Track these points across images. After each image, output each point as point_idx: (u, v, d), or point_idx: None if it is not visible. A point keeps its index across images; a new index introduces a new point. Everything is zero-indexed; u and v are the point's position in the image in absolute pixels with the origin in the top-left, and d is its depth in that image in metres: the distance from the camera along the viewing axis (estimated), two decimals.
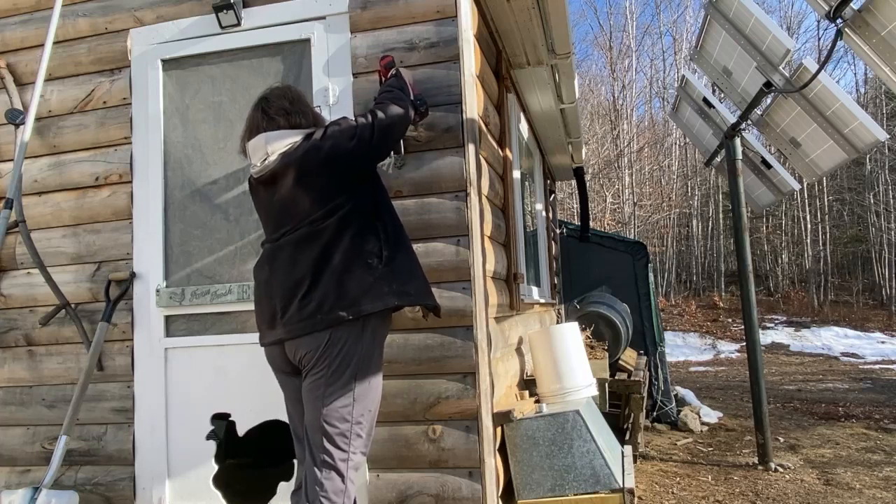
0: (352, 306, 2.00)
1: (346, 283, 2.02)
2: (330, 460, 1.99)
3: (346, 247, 2.04)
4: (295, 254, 2.07)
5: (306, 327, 2.02)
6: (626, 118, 23.16)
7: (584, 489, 2.71)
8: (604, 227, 18.72)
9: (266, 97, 2.22)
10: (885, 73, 3.21)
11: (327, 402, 2.00)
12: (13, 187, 2.89)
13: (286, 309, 2.05)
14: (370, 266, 2.05)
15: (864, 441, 5.47)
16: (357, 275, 2.03)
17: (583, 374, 3.30)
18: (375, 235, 2.09)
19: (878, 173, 20.88)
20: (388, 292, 2.05)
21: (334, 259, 2.03)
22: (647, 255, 7.23)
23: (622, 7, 29.34)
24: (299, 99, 2.23)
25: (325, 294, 2.01)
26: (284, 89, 2.25)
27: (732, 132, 4.97)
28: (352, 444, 2.02)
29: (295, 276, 2.05)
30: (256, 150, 2.15)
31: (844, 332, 16.09)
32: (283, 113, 2.15)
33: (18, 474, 3.04)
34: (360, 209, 2.10)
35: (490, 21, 3.35)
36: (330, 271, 2.02)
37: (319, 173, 2.08)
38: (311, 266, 2.03)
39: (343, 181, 2.10)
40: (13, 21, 3.24)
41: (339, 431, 2.00)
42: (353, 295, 2.01)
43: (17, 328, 3.11)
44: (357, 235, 2.06)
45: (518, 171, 4.15)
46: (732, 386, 9.43)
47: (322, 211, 2.06)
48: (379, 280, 2.05)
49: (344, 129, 2.13)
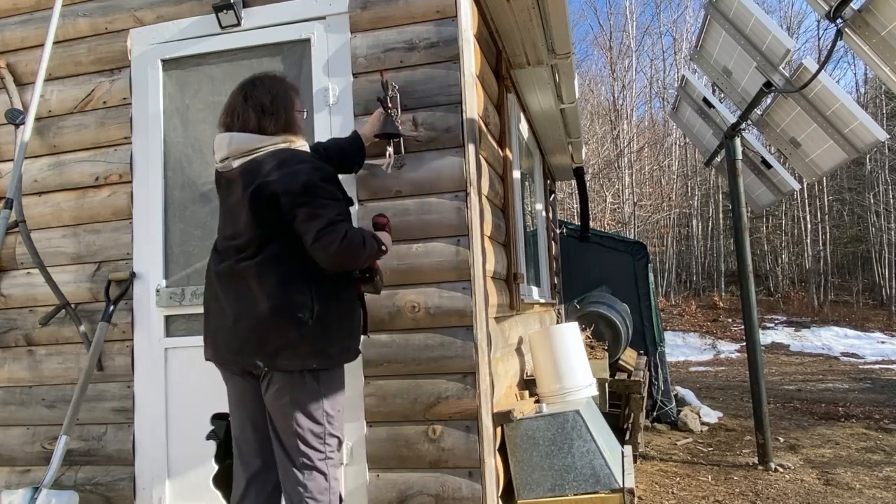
0: (269, 358, 1.97)
1: (268, 333, 1.96)
2: (309, 462, 1.98)
3: (274, 293, 1.96)
4: (233, 286, 2.03)
5: (230, 362, 2.06)
6: (626, 118, 23.16)
7: (584, 489, 2.71)
8: (604, 227, 18.72)
9: (254, 83, 2.15)
10: (885, 73, 3.21)
11: (297, 407, 1.99)
12: (13, 187, 2.89)
13: (216, 337, 2.07)
14: (298, 320, 1.96)
15: (864, 441, 5.47)
16: (281, 327, 1.96)
17: (583, 374, 3.30)
18: (307, 286, 1.98)
19: (878, 173, 20.88)
20: (308, 353, 1.98)
21: (260, 305, 1.96)
22: (647, 255, 7.22)
23: (622, 7, 29.36)
24: (282, 98, 2.13)
25: (247, 339, 1.98)
26: (273, 83, 2.16)
27: (732, 132, 4.97)
28: (327, 443, 2.02)
29: (228, 309, 2.03)
30: (220, 147, 2.11)
31: (844, 332, 16.09)
32: (258, 109, 2.08)
33: (18, 474, 3.04)
34: (293, 251, 1.99)
35: (490, 21, 3.35)
36: (255, 316, 1.97)
37: (259, 206, 1.99)
38: (241, 305, 2.00)
39: (280, 222, 1.99)
40: (13, 21, 3.24)
41: (315, 433, 2.00)
42: (273, 347, 1.96)
43: (17, 328, 3.11)
44: (286, 283, 1.97)
45: (518, 171, 4.15)
46: (732, 386, 9.43)
47: (255, 241, 2.00)
48: (303, 337, 1.97)
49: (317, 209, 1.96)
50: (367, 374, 2.65)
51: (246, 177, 2.03)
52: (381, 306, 2.65)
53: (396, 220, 2.67)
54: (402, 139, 2.67)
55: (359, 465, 2.63)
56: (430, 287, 2.62)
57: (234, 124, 2.11)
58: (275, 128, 2.09)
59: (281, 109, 2.11)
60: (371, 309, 2.65)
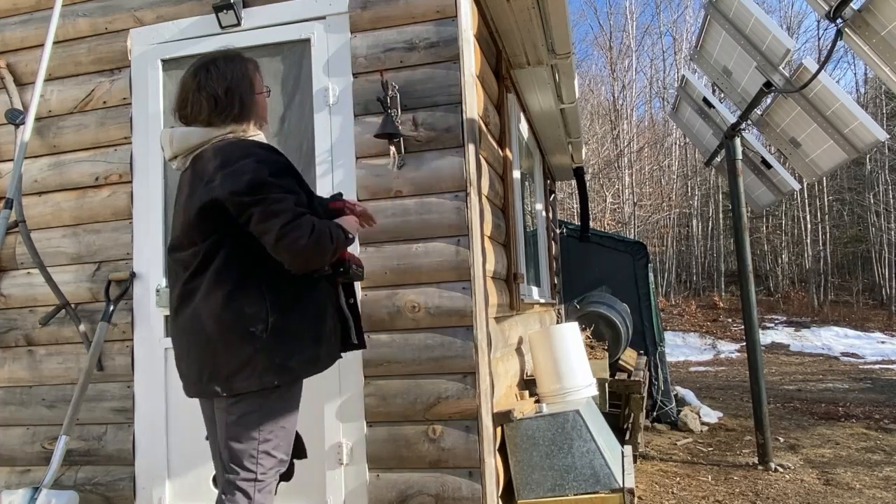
0: (225, 382, 1.77)
1: (220, 355, 1.77)
2: (233, 479, 1.80)
3: (220, 309, 1.77)
4: (183, 308, 1.85)
5: (192, 391, 1.90)
6: (626, 118, 23.16)
7: (584, 489, 2.71)
8: (604, 227, 18.72)
9: (207, 68, 1.90)
10: (885, 73, 3.20)
11: (236, 419, 1.82)
12: (13, 187, 2.89)
13: (179, 366, 1.93)
14: (251, 335, 1.76)
15: (864, 441, 5.47)
16: (233, 345, 1.77)
17: (583, 374, 3.30)
18: (260, 295, 1.79)
19: (878, 173, 20.88)
20: (266, 368, 1.78)
21: (207, 326, 1.78)
22: (647, 255, 7.22)
23: (622, 7, 29.34)
24: (238, 83, 1.90)
25: (202, 364, 1.80)
26: (229, 68, 1.91)
27: (732, 132, 4.97)
28: (260, 462, 1.81)
29: (182, 336, 1.88)
30: (165, 145, 1.93)
31: (844, 332, 16.08)
32: (211, 100, 1.86)
33: (18, 474, 3.04)
34: (241, 258, 1.80)
35: (490, 21, 3.35)
36: (205, 339, 1.78)
37: (201, 214, 1.80)
38: (191, 328, 1.82)
39: (226, 228, 1.80)
40: (13, 21, 3.24)
41: (247, 450, 1.80)
42: (227, 370, 1.77)
43: (17, 328, 3.11)
44: (233, 296, 1.77)
45: (518, 171, 4.15)
46: (732, 386, 9.43)
47: (200, 253, 1.81)
48: (259, 352, 1.77)
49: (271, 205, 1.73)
50: (367, 374, 2.65)
51: (191, 179, 1.84)
52: (382, 306, 2.65)
53: (397, 220, 2.67)
54: (402, 139, 2.67)
55: (359, 466, 2.63)
56: (430, 287, 2.62)
57: (186, 113, 1.91)
58: (229, 118, 1.88)
59: (236, 99, 1.88)
60: (371, 309, 2.65)
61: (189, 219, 1.82)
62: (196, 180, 1.82)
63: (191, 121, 1.91)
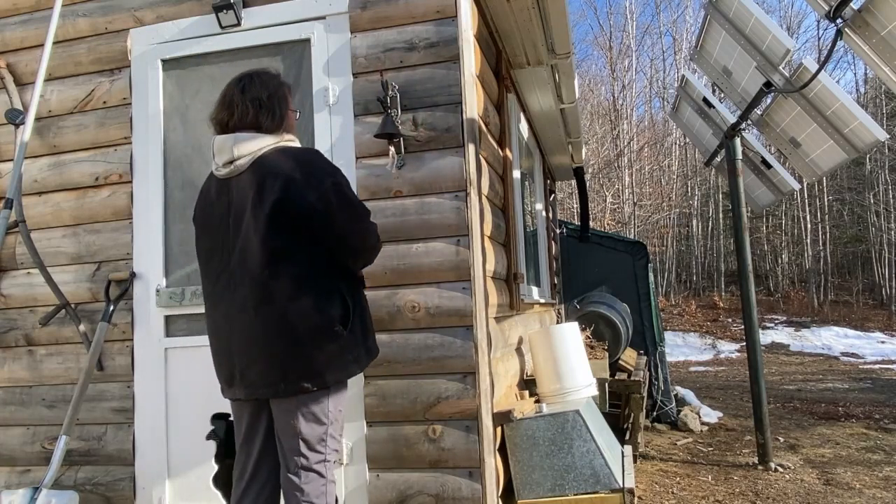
0: (316, 377, 1.93)
1: (313, 355, 1.92)
2: (306, 463, 1.95)
3: (308, 313, 1.91)
4: (254, 315, 1.92)
5: (268, 393, 1.96)
6: (626, 118, 23.15)
7: (584, 489, 2.71)
8: (604, 227, 18.72)
9: (251, 77, 2.06)
10: (885, 73, 3.21)
11: (301, 408, 1.96)
12: (13, 187, 2.89)
13: (245, 373, 1.97)
14: (336, 334, 1.94)
15: (864, 441, 5.47)
16: (323, 345, 1.93)
17: (583, 374, 3.30)
18: (341, 299, 1.97)
19: (878, 173, 20.87)
20: (351, 360, 1.99)
21: (298, 329, 1.91)
22: (647, 255, 7.22)
23: (622, 7, 29.35)
24: (277, 96, 2.05)
25: (286, 365, 1.91)
26: (269, 79, 2.08)
27: (732, 132, 4.97)
28: (328, 444, 1.99)
29: (257, 341, 1.93)
30: (222, 150, 1.99)
31: (844, 331, 16.08)
32: (256, 103, 1.99)
33: (18, 474, 3.04)
34: (316, 261, 1.96)
35: (490, 21, 3.35)
36: (294, 341, 1.91)
37: (284, 216, 1.91)
38: (273, 333, 1.91)
39: (304, 231, 1.94)
40: (13, 21, 3.24)
41: (316, 434, 1.97)
42: (319, 367, 1.93)
43: (17, 328, 3.11)
44: (319, 300, 1.93)
45: (518, 171, 4.15)
46: (732, 386, 9.43)
47: (277, 255, 1.91)
48: (344, 348, 1.96)
49: (356, 207, 2.01)
50: (367, 373, 2.65)
51: (256, 182, 1.92)
52: (381, 306, 2.65)
53: (396, 219, 2.67)
54: (402, 139, 2.67)
55: (359, 466, 2.63)
56: (430, 287, 2.63)
57: (231, 118, 2.00)
58: (273, 124, 2.01)
59: (276, 107, 2.03)
60: (371, 309, 2.65)
61: (263, 219, 1.90)
62: (264, 182, 1.91)
63: (237, 126, 2.00)
